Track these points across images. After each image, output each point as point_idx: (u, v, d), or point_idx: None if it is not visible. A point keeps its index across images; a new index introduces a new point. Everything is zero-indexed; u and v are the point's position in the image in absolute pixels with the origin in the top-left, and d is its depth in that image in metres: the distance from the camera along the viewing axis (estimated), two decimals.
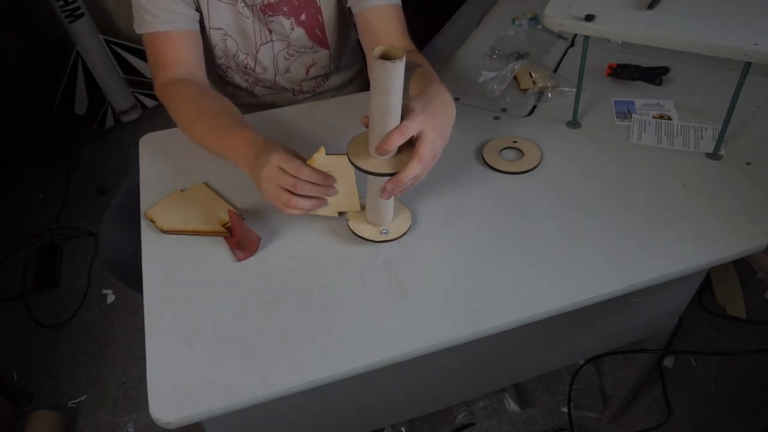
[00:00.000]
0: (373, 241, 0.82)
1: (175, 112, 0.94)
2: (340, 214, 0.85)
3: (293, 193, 0.77)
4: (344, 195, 0.81)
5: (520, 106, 1.06)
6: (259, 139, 0.83)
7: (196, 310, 0.75)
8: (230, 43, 1.07)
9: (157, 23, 0.94)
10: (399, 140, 0.71)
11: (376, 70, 0.66)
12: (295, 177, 0.76)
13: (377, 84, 0.68)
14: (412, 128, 0.72)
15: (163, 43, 0.96)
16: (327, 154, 0.78)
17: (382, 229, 0.83)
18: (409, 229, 0.84)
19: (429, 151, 0.73)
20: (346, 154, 0.76)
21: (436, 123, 0.75)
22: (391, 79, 0.67)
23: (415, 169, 0.73)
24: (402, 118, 0.72)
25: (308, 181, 0.76)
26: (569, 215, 0.85)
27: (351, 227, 0.83)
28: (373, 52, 0.67)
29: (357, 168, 0.75)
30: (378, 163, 0.74)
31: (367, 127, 0.75)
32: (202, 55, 1.01)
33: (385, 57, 0.67)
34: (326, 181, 0.77)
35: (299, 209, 0.78)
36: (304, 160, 0.78)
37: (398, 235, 0.83)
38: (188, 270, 0.80)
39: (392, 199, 0.81)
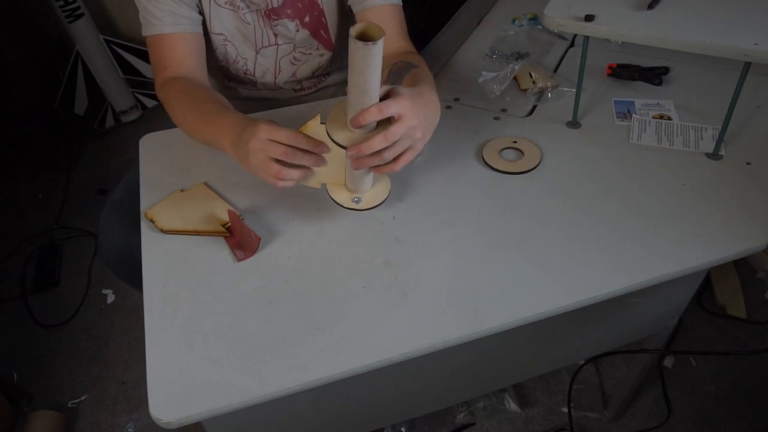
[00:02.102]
0: (342, 206, 0.81)
1: (171, 109, 0.95)
2: (322, 185, 0.84)
3: (284, 164, 0.75)
4: (331, 166, 0.80)
5: (520, 106, 1.06)
6: (242, 119, 0.82)
7: (196, 310, 0.75)
8: (230, 49, 1.07)
9: (161, 26, 0.95)
10: (375, 116, 0.70)
11: (353, 49, 0.66)
12: (286, 145, 0.75)
13: (353, 63, 0.67)
14: (391, 109, 0.71)
15: (166, 44, 0.96)
16: (321, 123, 0.77)
17: (354, 198, 0.82)
18: (382, 203, 0.82)
19: (401, 131, 0.72)
20: (325, 120, 0.75)
21: (419, 113, 0.74)
22: (366, 60, 0.66)
23: (378, 143, 0.71)
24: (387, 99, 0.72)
25: (301, 149, 0.75)
26: (569, 215, 0.85)
27: (328, 190, 0.83)
28: (350, 30, 0.66)
29: (328, 135, 0.74)
30: (350, 137, 0.73)
31: None
32: (204, 58, 1.01)
33: (364, 35, 0.66)
34: (320, 149, 0.76)
35: (290, 180, 0.77)
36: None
37: (368, 207, 0.81)
38: (188, 270, 0.80)
39: (369, 172, 0.80)
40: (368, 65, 0.66)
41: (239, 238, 0.81)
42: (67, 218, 1.99)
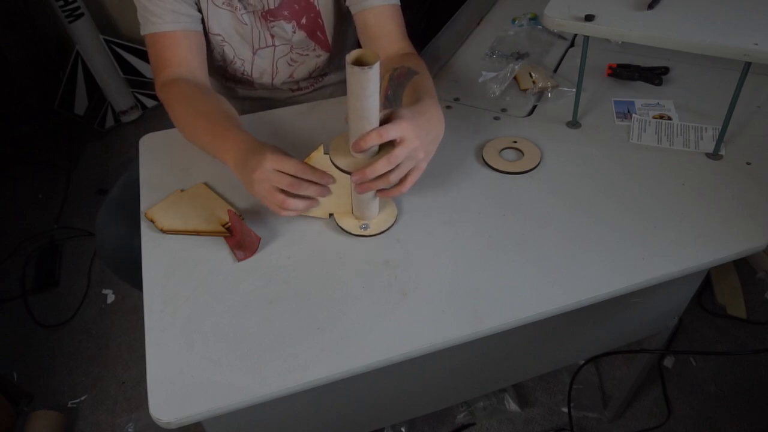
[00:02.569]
0: (351, 233, 0.82)
1: (172, 111, 0.94)
2: (330, 215, 0.85)
3: (288, 194, 0.76)
4: (337, 196, 0.81)
5: (520, 106, 1.06)
6: (248, 139, 0.82)
7: (196, 310, 0.75)
8: (227, 50, 1.07)
9: (161, 24, 0.95)
10: (375, 140, 0.71)
11: (349, 74, 0.66)
12: (292, 176, 0.75)
13: (351, 88, 0.68)
14: (391, 133, 0.71)
15: (166, 42, 0.96)
16: (325, 154, 0.78)
17: (362, 224, 0.83)
18: (390, 227, 0.83)
19: (403, 154, 0.73)
20: (329, 147, 0.76)
21: (421, 133, 0.75)
22: (362, 85, 0.66)
23: (381, 167, 0.72)
24: (388, 123, 0.73)
25: (307, 180, 0.76)
26: (569, 215, 0.85)
27: (335, 218, 0.84)
28: (347, 57, 0.66)
29: (332, 162, 0.75)
30: (353, 162, 0.74)
31: None
32: (205, 56, 1.01)
33: (360, 61, 0.66)
34: (325, 180, 0.77)
35: (293, 210, 0.78)
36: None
37: (376, 232, 0.83)
38: (188, 270, 0.80)
39: (375, 198, 0.81)
40: (364, 90, 0.67)
41: (239, 238, 0.81)
42: (67, 218, 1.99)
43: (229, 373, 0.68)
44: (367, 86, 0.67)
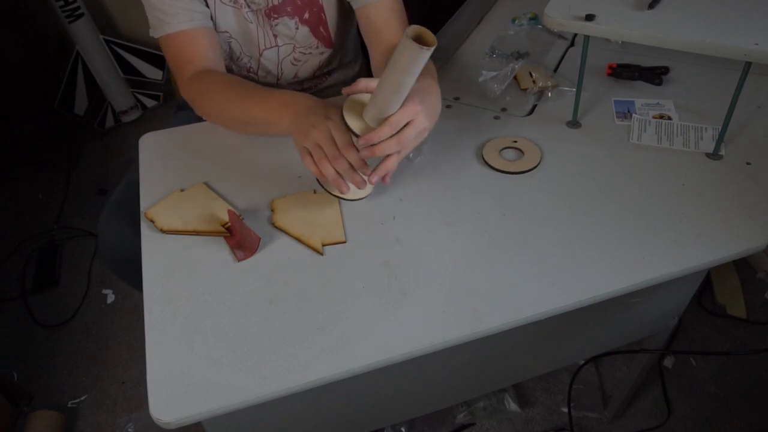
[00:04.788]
0: (330, 193, 0.85)
1: (210, 97, 0.95)
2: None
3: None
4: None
5: (520, 105, 1.06)
6: (311, 96, 0.87)
7: (196, 310, 0.75)
8: (234, 46, 1.07)
9: (177, 23, 0.95)
10: (387, 134, 0.75)
11: (404, 47, 0.67)
12: (337, 149, 0.79)
13: (399, 61, 0.69)
14: (402, 122, 0.76)
15: (185, 40, 0.96)
16: None
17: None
18: (366, 197, 0.86)
19: (413, 135, 0.78)
20: (341, 108, 0.80)
21: (429, 111, 0.80)
22: (413, 62, 0.68)
23: (390, 147, 0.77)
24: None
25: (348, 162, 0.79)
26: (569, 215, 0.85)
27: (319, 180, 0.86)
28: (406, 30, 0.68)
29: (346, 125, 0.79)
30: (364, 128, 0.78)
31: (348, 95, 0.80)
32: (221, 51, 1.02)
33: (420, 39, 0.68)
34: (363, 169, 0.80)
35: (327, 174, 0.80)
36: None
37: (354, 198, 0.85)
38: (188, 270, 0.80)
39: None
40: (413, 67, 0.69)
41: (239, 238, 0.81)
42: (67, 218, 1.99)
43: (229, 373, 0.68)
44: (416, 65, 0.69)
